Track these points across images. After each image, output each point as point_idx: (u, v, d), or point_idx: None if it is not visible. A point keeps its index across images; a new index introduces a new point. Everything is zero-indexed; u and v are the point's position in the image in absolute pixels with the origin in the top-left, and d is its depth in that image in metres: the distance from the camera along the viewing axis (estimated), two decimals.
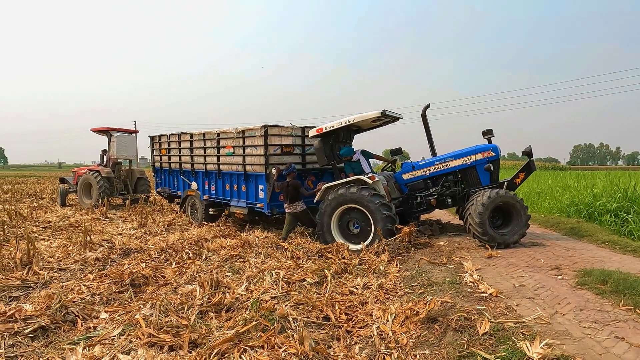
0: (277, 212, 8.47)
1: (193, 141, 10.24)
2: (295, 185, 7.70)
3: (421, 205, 7.60)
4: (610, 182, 11.73)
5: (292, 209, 7.81)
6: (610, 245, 6.63)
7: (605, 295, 4.18)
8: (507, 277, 4.92)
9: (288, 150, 8.52)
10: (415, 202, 7.63)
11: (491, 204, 6.37)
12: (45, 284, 5.35)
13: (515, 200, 6.47)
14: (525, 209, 6.50)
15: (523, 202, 6.55)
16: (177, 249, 7.15)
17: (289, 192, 7.68)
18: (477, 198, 6.52)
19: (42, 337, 3.94)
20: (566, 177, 17.76)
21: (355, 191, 7.04)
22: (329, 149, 7.75)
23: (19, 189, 21.69)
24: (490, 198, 6.38)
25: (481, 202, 6.37)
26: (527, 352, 2.99)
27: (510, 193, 6.58)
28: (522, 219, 6.46)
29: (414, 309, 4.10)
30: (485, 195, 6.44)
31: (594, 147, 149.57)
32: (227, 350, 3.48)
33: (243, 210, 8.91)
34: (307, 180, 8.93)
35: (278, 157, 8.33)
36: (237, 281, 5.32)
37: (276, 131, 8.36)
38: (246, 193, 8.87)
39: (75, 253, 6.82)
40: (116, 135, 13.97)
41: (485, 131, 7.34)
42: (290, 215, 7.90)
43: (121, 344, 3.61)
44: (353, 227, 7.42)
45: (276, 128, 8.38)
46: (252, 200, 8.74)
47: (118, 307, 4.63)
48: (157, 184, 12.33)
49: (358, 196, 7.00)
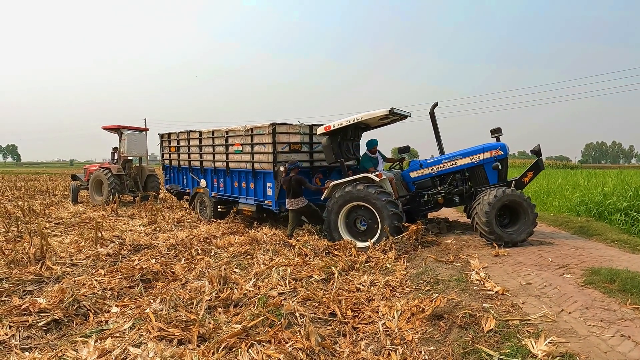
0: (285, 210, 8.53)
1: (202, 139, 10.35)
2: (299, 180, 7.71)
3: (428, 204, 7.61)
4: (621, 181, 11.60)
5: (292, 205, 7.83)
6: (619, 244, 6.57)
7: (612, 294, 4.16)
8: (513, 276, 4.92)
9: (296, 147, 8.59)
10: (423, 200, 7.63)
11: (498, 202, 6.36)
12: (58, 278, 5.48)
13: (522, 199, 6.45)
14: (532, 208, 6.47)
15: (530, 201, 6.52)
16: (186, 245, 7.26)
17: (291, 186, 7.71)
18: (483, 197, 6.51)
19: (55, 329, 4.05)
20: (577, 176, 17.58)
21: (362, 189, 7.06)
22: (337, 147, 7.78)
23: (32, 186, 22.08)
24: (497, 197, 6.37)
25: (488, 201, 6.36)
26: (531, 350, 3.01)
27: (517, 192, 6.55)
28: (530, 217, 6.43)
29: (420, 306, 4.13)
30: (492, 194, 6.43)
31: (607, 145, 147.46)
32: (234, 345, 3.54)
33: (251, 207, 9.00)
34: (315, 178, 8.98)
35: (286, 155, 8.39)
36: (245, 277, 5.39)
37: (284, 129, 8.43)
38: (254, 190, 8.95)
39: (86, 249, 6.96)
40: (127, 134, 14.16)
41: (493, 129, 7.32)
42: (293, 212, 7.93)
43: (132, 337, 3.69)
44: (360, 225, 7.45)
45: (284, 126, 8.44)
46: (261, 198, 8.82)
47: (128, 301, 4.72)
48: (166, 181, 12.48)
49: (365, 194, 7.03)
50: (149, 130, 15.53)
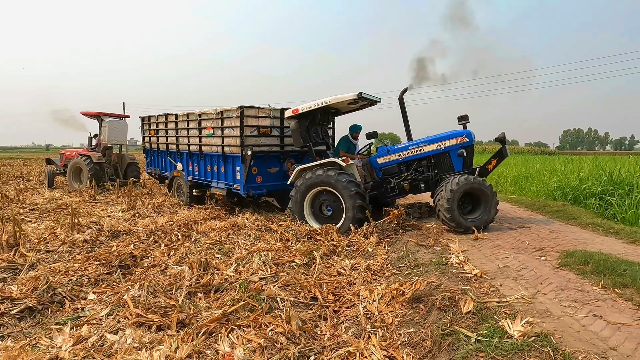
0: (253, 194, 8.49)
1: (178, 122, 10.20)
2: None
3: (394, 190, 7.57)
4: (596, 167, 11.91)
5: None
6: (593, 227, 6.76)
7: (586, 276, 4.28)
8: (492, 259, 5.01)
9: (265, 131, 8.46)
10: (389, 187, 7.57)
11: (461, 188, 6.39)
12: (32, 265, 5.32)
13: (484, 187, 6.46)
14: (494, 195, 6.51)
15: (492, 188, 6.55)
16: (166, 231, 7.14)
17: None
18: (446, 184, 6.52)
19: (29, 317, 3.93)
20: (554, 162, 17.97)
21: (332, 175, 7.01)
22: (305, 131, 7.67)
23: (5, 171, 21.35)
24: (459, 184, 6.39)
25: (450, 189, 6.37)
26: (507, 330, 3.07)
27: (479, 179, 6.54)
28: (491, 205, 6.49)
29: (400, 289, 4.17)
30: (456, 180, 6.45)
31: (583, 132, 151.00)
32: (214, 330, 3.51)
33: (222, 191, 8.94)
34: (286, 163, 8.91)
35: (255, 139, 8.28)
36: (226, 263, 5.34)
37: (253, 112, 8.30)
38: (225, 174, 8.87)
39: (62, 235, 6.76)
40: (107, 121, 13.79)
41: (460, 117, 7.31)
42: None
43: (109, 324, 3.63)
44: (326, 210, 7.44)
45: (253, 109, 8.30)
46: (230, 182, 8.75)
47: (106, 288, 4.62)
48: (147, 164, 12.36)
49: (334, 180, 6.97)
50: (129, 117, 15.17)
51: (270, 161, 8.75)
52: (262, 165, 8.57)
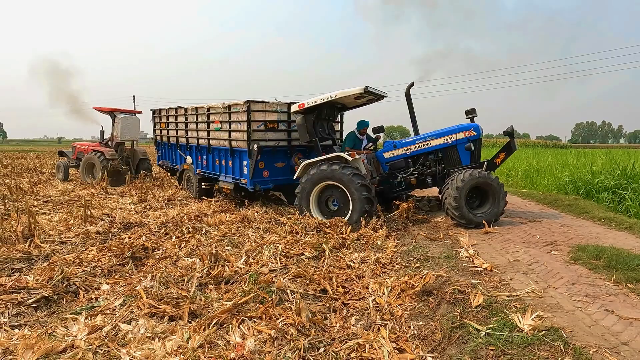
0: (260, 189, 8.51)
1: (187, 115, 10.25)
2: None
3: (401, 185, 7.52)
4: (609, 160, 11.74)
5: None
6: (606, 222, 6.68)
7: (597, 270, 4.25)
8: (502, 252, 4.99)
9: (272, 126, 8.46)
10: (396, 182, 7.52)
11: (467, 184, 6.33)
12: (47, 256, 5.42)
13: (491, 181, 6.40)
14: (502, 189, 6.45)
15: (499, 182, 6.49)
16: (177, 223, 7.22)
17: None
18: (451, 181, 6.47)
19: (45, 307, 4.01)
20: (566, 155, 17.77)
21: (337, 169, 6.97)
22: (311, 126, 7.63)
23: (19, 164, 21.70)
24: (464, 181, 6.33)
25: (455, 186, 6.32)
26: (518, 324, 3.07)
27: (486, 173, 6.47)
28: (499, 197, 6.44)
29: (410, 283, 4.18)
30: (461, 176, 6.39)
31: (596, 125, 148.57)
32: (225, 321, 3.56)
33: (230, 185, 8.98)
34: (294, 157, 8.92)
35: (262, 133, 8.29)
36: (236, 255, 5.39)
37: (259, 107, 8.29)
38: (232, 168, 8.90)
39: (76, 227, 6.88)
40: (120, 117, 13.93)
41: (468, 110, 7.24)
42: None
43: (122, 314, 3.69)
44: (332, 205, 7.42)
45: (260, 104, 8.30)
46: (237, 176, 8.77)
47: (119, 279, 4.71)
48: (158, 157, 12.47)
49: (339, 174, 6.93)
50: (141, 112, 15.32)
51: (277, 156, 8.76)
52: (269, 159, 8.58)
